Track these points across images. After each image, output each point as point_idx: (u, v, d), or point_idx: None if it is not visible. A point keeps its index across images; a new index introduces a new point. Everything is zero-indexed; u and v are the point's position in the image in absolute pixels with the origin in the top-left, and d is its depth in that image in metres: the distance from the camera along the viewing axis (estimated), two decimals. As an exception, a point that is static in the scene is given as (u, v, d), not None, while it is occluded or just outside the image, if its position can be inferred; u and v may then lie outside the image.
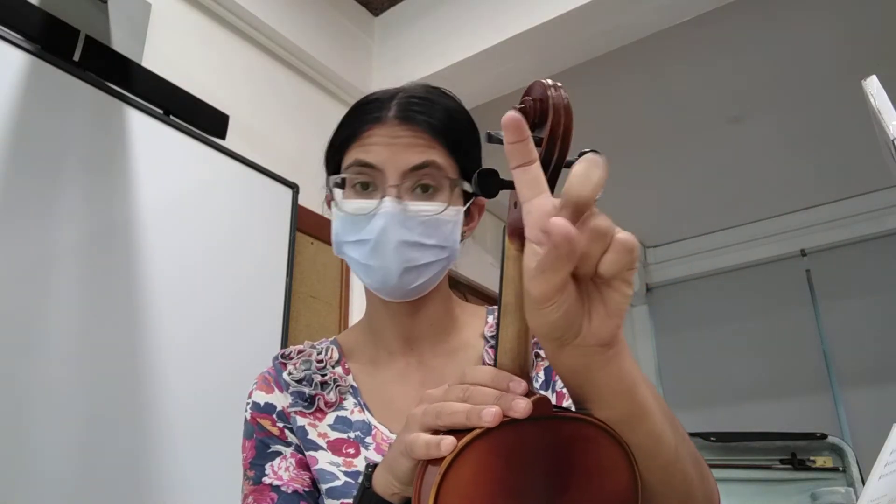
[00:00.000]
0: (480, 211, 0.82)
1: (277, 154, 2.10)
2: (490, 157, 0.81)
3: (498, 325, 0.51)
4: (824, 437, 2.22)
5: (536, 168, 0.45)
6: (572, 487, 0.46)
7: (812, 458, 2.22)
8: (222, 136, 1.88)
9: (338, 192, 0.75)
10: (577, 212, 0.41)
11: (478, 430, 0.46)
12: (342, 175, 0.75)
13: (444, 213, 0.73)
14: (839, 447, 2.21)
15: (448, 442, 0.46)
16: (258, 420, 0.78)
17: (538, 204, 0.44)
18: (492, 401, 0.47)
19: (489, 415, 0.46)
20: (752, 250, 3.93)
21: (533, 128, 0.49)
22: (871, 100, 0.77)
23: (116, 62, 1.66)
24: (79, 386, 1.41)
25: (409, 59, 2.47)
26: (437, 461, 0.46)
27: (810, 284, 3.77)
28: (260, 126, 2.11)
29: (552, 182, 0.49)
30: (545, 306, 0.43)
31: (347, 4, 2.54)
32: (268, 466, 0.75)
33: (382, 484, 0.56)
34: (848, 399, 3.49)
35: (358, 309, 2.18)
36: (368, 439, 0.75)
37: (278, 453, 0.76)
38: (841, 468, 2.20)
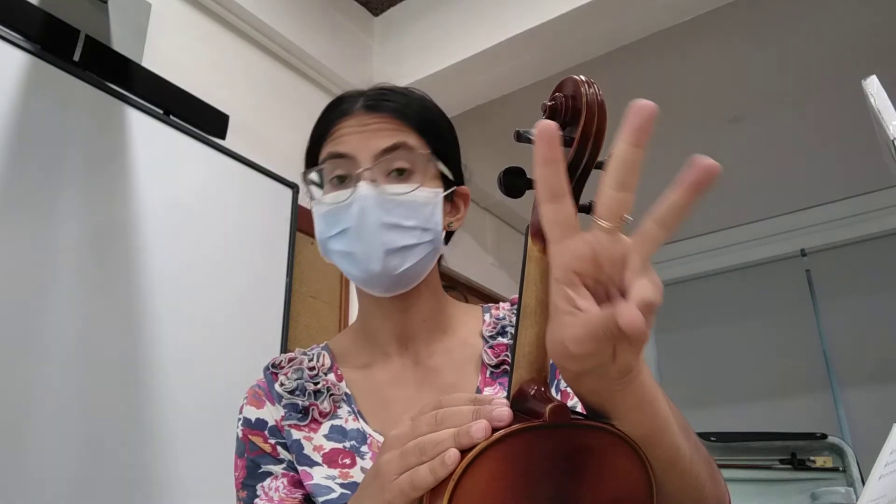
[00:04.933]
0: (466, 202, 0.81)
1: (277, 154, 2.10)
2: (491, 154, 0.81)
3: (517, 327, 0.49)
4: (824, 437, 2.22)
5: (569, 206, 0.43)
6: (586, 496, 0.45)
7: (812, 458, 2.22)
8: (222, 136, 1.88)
9: (317, 192, 0.76)
10: (648, 312, 0.40)
11: (484, 443, 0.43)
12: (317, 169, 0.75)
13: (418, 191, 0.73)
14: (839, 447, 2.21)
15: (453, 455, 0.44)
16: (250, 437, 0.76)
17: (572, 247, 0.42)
18: (470, 418, 0.45)
19: (480, 430, 0.43)
20: (752, 250, 3.93)
21: (563, 126, 0.46)
22: (871, 100, 0.77)
23: (116, 62, 1.66)
24: (78, 385, 1.41)
25: (409, 59, 2.47)
26: (442, 484, 0.44)
27: (810, 284, 3.77)
28: (260, 126, 2.11)
29: (581, 184, 0.46)
30: (583, 361, 0.43)
31: (347, 4, 2.54)
32: (259, 487, 0.74)
33: None
34: (848, 399, 3.49)
35: (358, 309, 2.18)
36: (364, 448, 0.73)
37: (269, 473, 0.74)
38: (841, 468, 2.20)
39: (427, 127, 0.76)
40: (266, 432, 0.76)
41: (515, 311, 0.50)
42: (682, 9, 2.10)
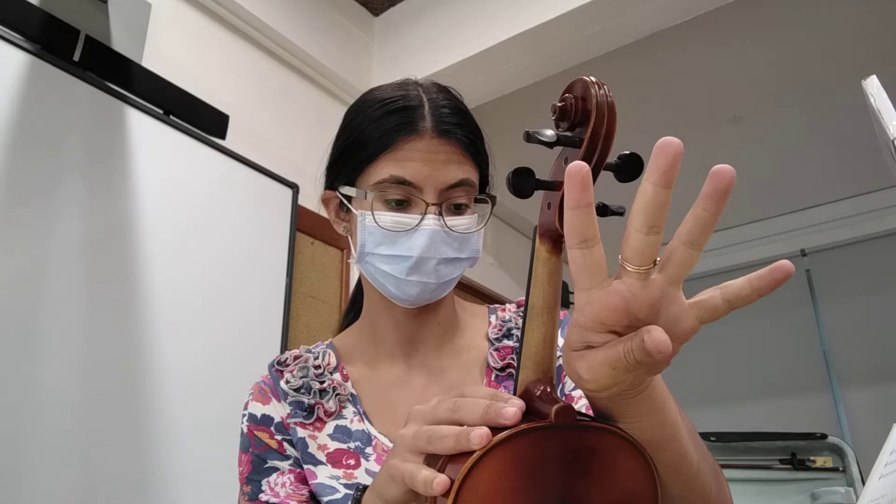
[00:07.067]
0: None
1: (277, 154, 2.10)
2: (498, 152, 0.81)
3: (523, 328, 0.49)
4: (824, 437, 2.22)
5: (599, 251, 0.41)
6: (591, 497, 0.45)
7: (812, 458, 2.22)
8: (222, 136, 1.88)
9: (362, 201, 0.73)
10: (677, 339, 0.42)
11: (488, 444, 0.44)
12: (380, 188, 0.71)
13: (476, 225, 0.74)
14: (839, 447, 2.21)
15: (441, 481, 0.44)
16: (255, 433, 0.76)
17: (604, 300, 0.41)
18: (480, 412, 0.46)
19: (477, 438, 0.44)
20: (752, 250, 3.92)
21: (573, 127, 0.47)
22: (871, 100, 0.77)
23: (116, 62, 1.66)
24: (77, 385, 1.41)
25: (409, 59, 2.47)
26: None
27: (810, 284, 3.77)
28: (260, 126, 2.11)
29: None
30: (599, 392, 0.44)
31: (347, 4, 2.54)
32: (264, 483, 0.73)
33: None
34: (848, 399, 3.49)
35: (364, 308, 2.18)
36: (369, 450, 0.73)
37: (275, 469, 0.74)
38: (841, 468, 2.19)
39: (481, 156, 0.76)
40: (272, 428, 0.76)
41: (522, 312, 0.50)
42: (682, 9, 2.10)
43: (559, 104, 0.47)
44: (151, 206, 1.64)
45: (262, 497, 0.73)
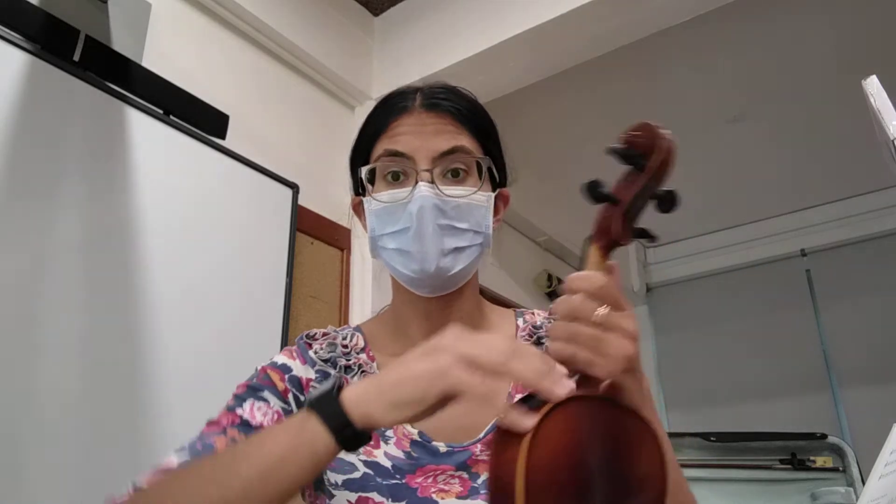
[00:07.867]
0: (506, 203, 0.83)
1: (277, 154, 2.10)
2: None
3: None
4: (824, 437, 2.22)
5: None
6: (626, 466, 0.51)
7: (812, 458, 2.22)
8: (222, 136, 1.88)
9: (369, 188, 0.76)
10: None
11: (566, 398, 0.50)
12: (372, 166, 0.75)
13: (475, 196, 0.75)
14: (839, 447, 2.21)
15: (529, 422, 0.48)
16: (268, 371, 0.77)
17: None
18: (545, 371, 0.51)
19: (569, 384, 0.50)
20: (752, 250, 3.92)
21: (638, 157, 0.57)
22: (871, 100, 0.77)
23: (116, 62, 1.66)
24: (76, 385, 1.41)
25: (409, 59, 2.47)
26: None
27: (810, 284, 3.76)
28: (260, 126, 2.11)
29: (642, 207, 0.57)
30: None
31: (347, 4, 2.54)
32: (248, 401, 0.73)
33: (358, 402, 0.53)
34: (848, 399, 3.48)
35: (358, 309, 2.18)
36: (389, 432, 0.74)
37: (264, 399, 0.73)
38: (841, 468, 2.19)
39: (481, 130, 0.78)
40: (286, 375, 0.76)
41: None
42: (682, 9, 2.10)
43: (624, 141, 0.58)
44: (151, 206, 1.64)
45: (238, 411, 0.72)
